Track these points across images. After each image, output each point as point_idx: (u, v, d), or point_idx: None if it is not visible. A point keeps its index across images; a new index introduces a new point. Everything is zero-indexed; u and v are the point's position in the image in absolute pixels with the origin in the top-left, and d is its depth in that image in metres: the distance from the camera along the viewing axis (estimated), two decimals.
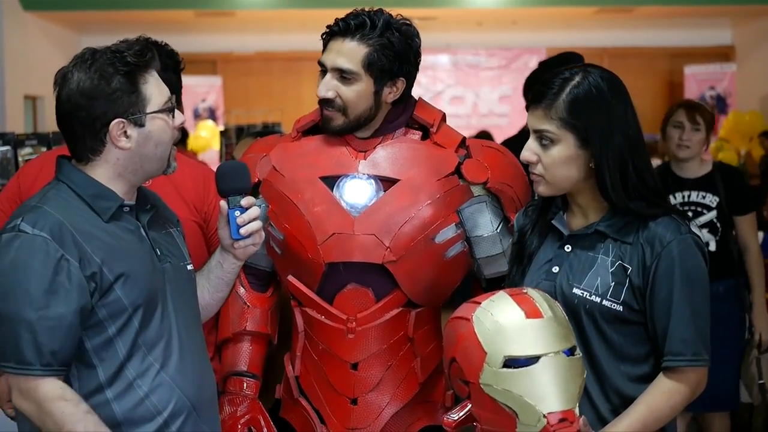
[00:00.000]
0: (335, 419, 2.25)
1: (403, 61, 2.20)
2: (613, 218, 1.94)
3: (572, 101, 1.90)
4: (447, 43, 11.64)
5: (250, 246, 2.04)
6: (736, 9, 10.80)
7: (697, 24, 11.70)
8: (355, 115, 2.20)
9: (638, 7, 10.48)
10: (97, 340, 1.85)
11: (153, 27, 10.58)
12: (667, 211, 1.93)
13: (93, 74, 1.85)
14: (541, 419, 1.67)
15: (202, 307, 2.12)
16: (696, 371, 1.89)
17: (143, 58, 1.89)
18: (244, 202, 2.01)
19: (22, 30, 9.27)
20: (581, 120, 1.90)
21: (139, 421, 1.88)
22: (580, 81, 1.91)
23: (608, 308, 1.90)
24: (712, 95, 11.43)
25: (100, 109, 1.85)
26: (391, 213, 2.18)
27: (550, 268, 1.99)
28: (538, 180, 1.96)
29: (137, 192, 1.99)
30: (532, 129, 1.94)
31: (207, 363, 2.06)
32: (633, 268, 1.90)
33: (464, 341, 1.76)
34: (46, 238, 1.80)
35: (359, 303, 2.22)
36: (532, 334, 1.72)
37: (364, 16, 2.17)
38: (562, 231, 2.00)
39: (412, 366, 2.27)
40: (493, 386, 1.70)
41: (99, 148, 1.89)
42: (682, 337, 1.87)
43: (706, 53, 12.00)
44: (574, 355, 1.75)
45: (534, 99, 1.95)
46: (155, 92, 1.90)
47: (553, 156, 1.92)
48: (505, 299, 1.77)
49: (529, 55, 12.22)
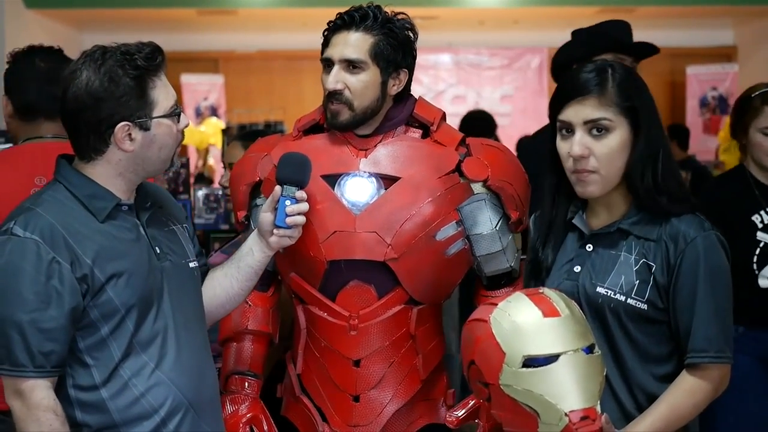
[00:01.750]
0: (337, 416, 2.26)
1: (405, 52, 2.23)
2: (637, 215, 1.94)
3: (620, 86, 1.90)
4: (449, 42, 11.62)
5: (287, 238, 2.07)
6: (739, 9, 10.78)
7: (699, 24, 11.68)
8: (362, 108, 2.20)
9: (640, 7, 10.46)
10: (91, 341, 1.87)
11: (155, 25, 10.62)
12: (691, 209, 1.93)
13: (102, 76, 1.85)
14: (563, 418, 1.66)
15: (230, 297, 2.14)
16: (719, 368, 1.89)
17: (153, 62, 1.89)
18: (297, 195, 2.05)
19: (25, 27, 9.26)
20: (633, 102, 1.90)
21: (136, 420, 1.89)
22: (614, 69, 1.93)
23: (633, 307, 1.90)
24: (714, 96, 11.41)
25: (107, 111, 1.85)
26: (392, 210, 2.19)
27: (571, 267, 1.98)
28: (589, 178, 1.92)
29: (138, 189, 1.99)
30: (582, 121, 1.91)
31: (208, 362, 2.07)
32: (657, 265, 1.90)
33: (482, 343, 1.75)
34: (37, 240, 1.81)
35: (362, 300, 2.23)
36: (551, 332, 1.71)
37: (366, 9, 2.20)
38: (582, 230, 2.00)
39: (414, 363, 2.27)
40: (513, 386, 1.70)
41: (102, 148, 1.89)
42: (706, 334, 1.86)
43: (708, 53, 11.98)
44: (593, 353, 1.73)
45: (577, 92, 1.92)
46: (162, 97, 1.91)
47: (611, 145, 1.90)
48: (522, 299, 1.77)
49: (531, 54, 12.20)
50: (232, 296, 2.15)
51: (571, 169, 1.95)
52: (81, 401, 1.87)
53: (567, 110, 1.93)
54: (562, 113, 1.94)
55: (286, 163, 2.09)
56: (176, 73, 11.15)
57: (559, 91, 1.99)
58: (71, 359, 1.87)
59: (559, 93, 1.98)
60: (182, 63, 11.21)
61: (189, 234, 2.13)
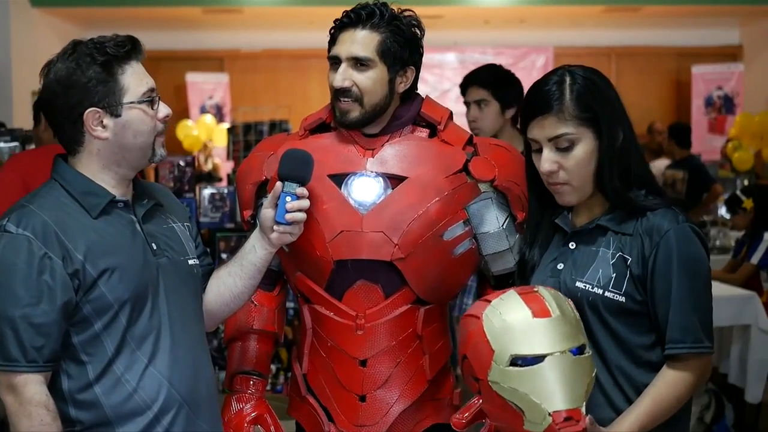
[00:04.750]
0: (343, 416, 2.26)
1: (412, 49, 2.23)
2: (614, 212, 1.96)
3: (578, 97, 1.92)
4: (454, 41, 11.63)
5: (287, 234, 2.07)
6: (744, 9, 10.77)
7: (705, 23, 11.67)
8: (372, 105, 2.20)
9: (646, 6, 10.45)
10: (84, 336, 1.88)
11: (160, 24, 10.63)
12: (667, 203, 1.95)
13: (70, 63, 1.88)
14: (546, 418, 1.69)
15: (234, 295, 2.14)
16: (699, 359, 1.90)
17: (122, 48, 1.90)
18: (298, 191, 2.04)
19: (30, 26, 9.28)
20: (592, 111, 1.92)
21: (129, 416, 1.90)
22: (573, 79, 1.94)
23: (610, 299, 1.92)
24: (720, 95, 11.39)
25: (76, 97, 1.88)
26: (399, 210, 2.19)
27: (555, 266, 2.02)
28: (562, 189, 1.97)
29: (136, 187, 2.00)
30: (546, 138, 1.94)
31: (205, 359, 2.07)
32: (633, 258, 1.92)
33: (474, 339, 1.79)
34: (29, 237, 1.83)
35: (369, 299, 2.23)
36: (539, 333, 1.74)
37: (373, 7, 2.20)
38: (565, 229, 2.03)
39: (420, 363, 2.27)
40: (501, 384, 1.73)
41: (79, 138, 1.92)
42: (683, 324, 1.88)
43: (714, 53, 11.96)
44: (583, 354, 1.76)
45: (538, 109, 1.95)
46: (134, 83, 1.91)
47: (577, 156, 1.94)
48: (514, 298, 1.79)
49: (536, 53, 12.20)
50: (236, 294, 2.15)
51: (546, 182, 2.00)
52: (75, 398, 1.88)
53: (532, 128, 1.98)
54: (528, 131, 1.99)
55: (288, 159, 2.09)
56: (181, 72, 11.17)
57: (524, 107, 2.04)
58: (66, 356, 1.88)
59: (523, 110, 2.03)
60: (187, 62, 11.24)
61: (191, 233, 2.13)
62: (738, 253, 5.34)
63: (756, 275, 5.06)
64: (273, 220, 2.05)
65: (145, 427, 1.91)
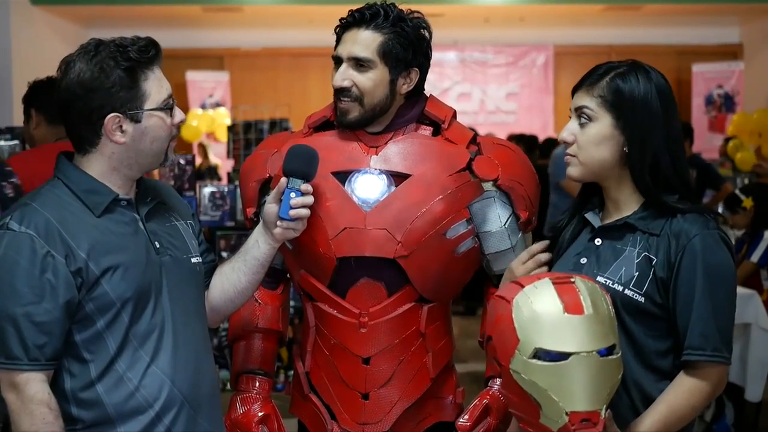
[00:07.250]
0: (346, 414, 2.25)
1: (416, 51, 2.21)
2: (645, 211, 1.94)
3: (616, 87, 1.93)
4: (454, 39, 11.63)
5: (291, 230, 2.07)
6: (744, 7, 10.77)
7: (705, 22, 11.67)
8: (371, 105, 2.20)
9: (646, 4, 10.45)
10: (86, 334, 1.88)
11: (160, 22, 10.61)
12: (699, 209, 1.93)
13: (94, 66, 1.86)
14: (563, 416, 1.65)
15: (238, 291, 2.14)
16: (716, 368, 1.87)
17: (146, 54, 1.90)
18: (303, 188, 2.05)
19: (30, 25, 9.27)
20: (620, 108, 1.92)
21: (130, 414, 1.90)
22: (626, 72, 1.94)
23: (630, 298, 1.89)
24: (720, 94, 11.40)
25: (98, 101, 1.87)
26: (402, 208, 2.19)
27: (578, 260, 1.99)
28: (571, 161, 1.99)
29: (139, 185, 2.00)
30: (574, 108, 1.97)
31: (207, 358, 2.07)
32: (658, 260, 1.89)
33: (501, 323, 1.74)
34: (32, 235, 1.83)
35: (372, 297, 2.22)
36: (567, 330, 1.68)
37: (378, 7, 2.20)
38: (593, 225, 2.01)
39: (423, 361, 2.26)
40: (521, 374, 1.69)
41: (95, 140, 1.91)
42: (703, 332, 1.85)
43: (714, 51, 11.97)
44: (612, 355, 1.71)
45: (579, 82, 1.98)
46: (155, 89, 1.91)
47: (589, 134, 1.95)
48: (548, 288, 1.73)
49: (536, 52, 12.21)
50: (240, 290, 2.15)
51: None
52: (77, 396, 1.88)
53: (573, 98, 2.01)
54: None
55: (293, 155, 2.09)
56: (181, 70, 11.16)
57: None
58: (68, 355, 1.88)
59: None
60: (187, 60, 11.22)
61: (194, 231, 2.13)
62: (738, 252, 5.34)
63: (756, 274, 5.06)
64: (277, 216, 2.05)
65: (146, 425, 1.91)
